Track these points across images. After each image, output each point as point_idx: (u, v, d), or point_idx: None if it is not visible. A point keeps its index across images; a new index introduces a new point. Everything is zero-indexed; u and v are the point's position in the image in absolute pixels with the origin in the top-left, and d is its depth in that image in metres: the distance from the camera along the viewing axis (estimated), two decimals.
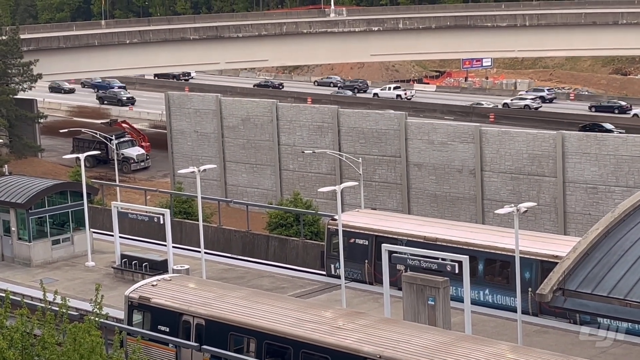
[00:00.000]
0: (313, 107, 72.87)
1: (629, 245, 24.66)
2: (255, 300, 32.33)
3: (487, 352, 26.84)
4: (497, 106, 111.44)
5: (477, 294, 36.80)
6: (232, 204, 62.36)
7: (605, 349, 32.30)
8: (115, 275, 43.93)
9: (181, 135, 75.03)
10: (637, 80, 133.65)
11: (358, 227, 41.12)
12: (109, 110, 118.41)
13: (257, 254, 50.81)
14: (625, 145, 55.45)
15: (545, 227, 56.53)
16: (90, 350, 21.15)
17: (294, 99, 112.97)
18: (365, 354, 27.69)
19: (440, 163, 61.78)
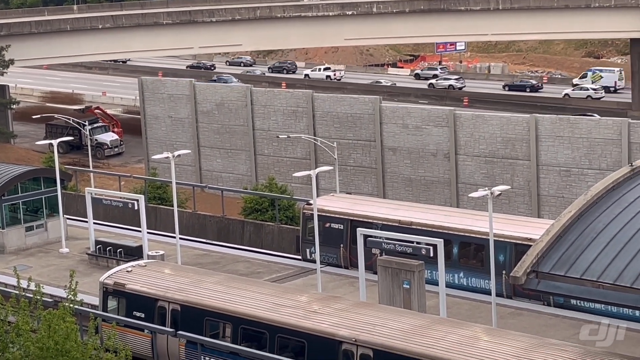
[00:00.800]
0: (287, 92, 72.79)
1: (602, 227, 24.85)
2: (230, 285, 32.34)
3: (461, 334, 27.00)
4: (394, 84, 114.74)
5: (451, 277, 36.96)
6: (207, 189, 62.25)
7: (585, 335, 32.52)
8: (89, 262, 43.79)
9: (155, 121, 74.75)
10: (609, 63, 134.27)
11: (333, 212, 41.17)
12: (82, 95, 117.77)
13: (233, 239, 50.76)
14: (598, 128, 55.77)
15: (519, 210, 56.83)
16: (65, 336, 21.10)
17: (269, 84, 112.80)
18: (341, 338, 27.78)
19: (414, 147, 61.91)
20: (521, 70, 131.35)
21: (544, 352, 25.46)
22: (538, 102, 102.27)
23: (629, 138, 54.52)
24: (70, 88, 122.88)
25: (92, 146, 71.84)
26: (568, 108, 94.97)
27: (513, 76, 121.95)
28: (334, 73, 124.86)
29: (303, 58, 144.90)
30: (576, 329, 32.86)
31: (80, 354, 21.04)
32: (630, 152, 53.95)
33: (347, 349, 27.66)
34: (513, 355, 25.34)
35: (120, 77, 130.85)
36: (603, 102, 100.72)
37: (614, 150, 55.01)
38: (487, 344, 26.35)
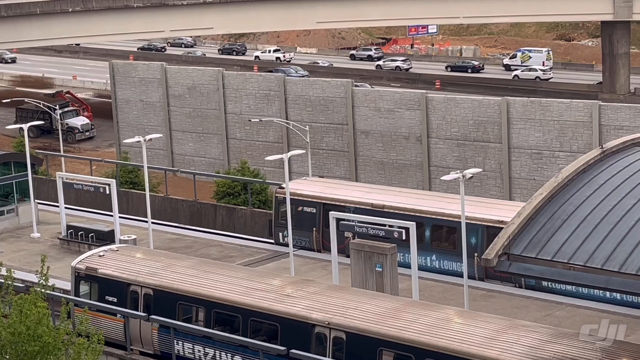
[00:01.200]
0: (259, 76, 72.62)
1: (573, 209, 25.00)
2: (203, 269, 32.30)
3: (434, 316, 27.13)
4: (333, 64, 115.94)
5: (424, 259, 37.11)
6: (179, 174, 62.08)
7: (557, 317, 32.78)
8: (61, 246, 43.60)
9: (126, 105, 74.39)
10: (580, 46, 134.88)
11: (306, 195, 41.18)
12: (53, 79, 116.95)
13: (205, 223, 50.68)
14: (569, 111, 56.06)
15: (491, 192, 57.09)
16: (37, 321, 21.01)
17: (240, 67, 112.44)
18: (314, 321, 27.83)
19: (387, 130, 61.99)
20: (493, 53, 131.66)
21: (516, 333, 25.65)
22: (510, 85, 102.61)
23: (600, 120, 54.86)
24: (41, 72, 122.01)
25: (63, 130, 71.35)
26: (539, 91, 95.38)
27: (458, 57, 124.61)
28: (284, 55, 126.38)
29: (275, 41, 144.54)
30: (547, 310, 33.13)
31: (52, 338, 20.96)
32: (600, 134, 54.31)
33: (320, 332, 27.73)
34: (485, 337, 25.50)
35: (91, 61, 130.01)
36: (574, 85, 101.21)
37: (585, 133, 55.35)
38: (459, 326, 26.50)
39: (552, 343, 24.84)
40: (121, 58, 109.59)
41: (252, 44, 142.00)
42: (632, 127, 52.03)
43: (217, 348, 29.35)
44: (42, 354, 20.87)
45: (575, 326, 30.53)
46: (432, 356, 25.62)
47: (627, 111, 55.00)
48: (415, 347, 25.90)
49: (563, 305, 33.50)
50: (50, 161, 62.90)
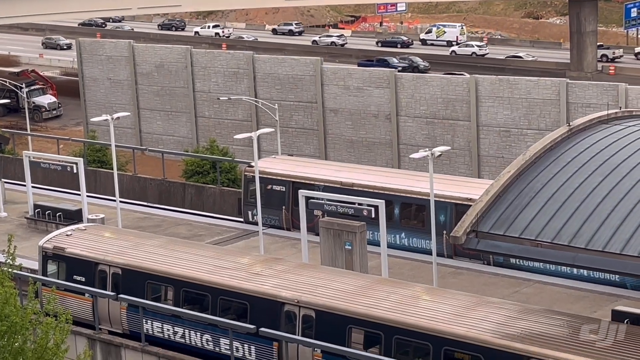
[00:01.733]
0: (228, 54, 72.29)
1: (540, 186, 25.14)
2: (172, 248, 32.22)
3: (403, 294, 27.24)
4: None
5: (393, 237, 37.20)
6: (147, 152, 61.80)
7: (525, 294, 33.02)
8: (28, 226, 43.32)
9: (93, 83, 73.85)
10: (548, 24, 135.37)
11: (275, 174, 41.14)
12: (19, 57, 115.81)
13: (174, 202, 50.54)
14: (537, 89, 56.28)
15: (460, 170, 57.30)
16: (4, 301, 20.87)
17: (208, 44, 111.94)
18: (283, 299, 27.86)
19: (356, 108, 61.98)
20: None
21: (484, 309, 25.81)
22: (480, 63, 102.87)
23: (567, 98, 55.13)
24: (7, 50, 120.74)
25: (29, 109, 70.77)
26: (507, 69, 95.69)
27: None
28: (222, 30, 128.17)
29: (244, 19, 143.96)
30: (515, 287, 33.36)
31: (20, 318, 20.83)
32: (568, 112, 54.59)
33: (289, 310, 27.77)
34: (454, 314, 25.65)
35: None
36: (542, 63, 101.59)
37: (553, 111, 55.61)
38: (428, 303, 26.63)
39: (520, 319, 25.03)
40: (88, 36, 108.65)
41: (221, 22, 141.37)
42: (599, 105, 52.28)
43: (186, 327, 29.32)
44: (10, 333, 20.75)
45: (543, 303, 30.79)
46: (401, 333, 25.75)
47: (594, 89, 55.30)
48: (385, 325, 26.01)
49: (531, 282, 33.75)
50: (16, 140, 62.42)
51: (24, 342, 20.99)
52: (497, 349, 24.17)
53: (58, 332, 21.28)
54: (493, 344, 24.28)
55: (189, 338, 29.32)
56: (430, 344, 25.23)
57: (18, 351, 20.86)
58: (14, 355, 20.75)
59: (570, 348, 23.42)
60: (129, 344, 30.00)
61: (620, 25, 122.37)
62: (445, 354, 25.07)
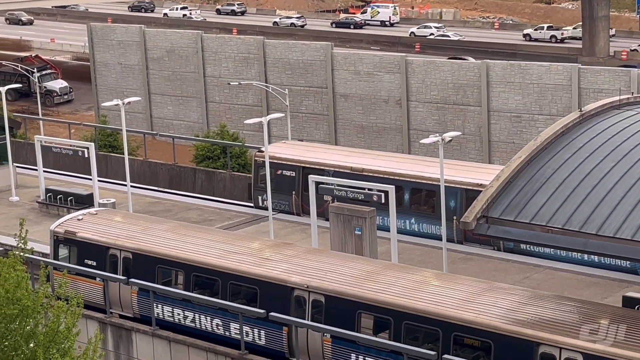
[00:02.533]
0: (238, 39, 72.22)
1: (551, 172, 25.09)
2: (182, 232, 32.28)
3: (413, 279, 27.25)
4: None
5: (403, 223, 37.21)
6: (158, 137, 61.88)
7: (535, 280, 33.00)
8: (40, 210, 43.47)
9: (105, 68, 73.89)
10: (560, 9, 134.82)
11: (285, 159, 41.16)
12: (31, 42, 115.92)
13: (184, 186, 50.63)
14: (549, 74, 56.11)
15: (470, 156, 57.21)
16: (16, 285, 20.93)
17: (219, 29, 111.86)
18: (293, 284, 27.91)
19: (366, 94, 61.89)
20: (473, 17, 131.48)
21: (493, 295, 25.81)
22: (489, 48, 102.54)
23: (579, 84, 54.95)
24: (18, 34, 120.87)
25: (41, 93, 70.87)
26: (519, 54, 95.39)
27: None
28: (190, 12, 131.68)
29: (254, 4, 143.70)
30: (526, 273, 33.35)
31: (32, 302, 20.89)
32: (580, 97, 54.42)
33: (299, 295, 27.82)
34: (463, 299, 25.66)
35: (69, 24, 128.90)
36: (554, 48, 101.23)
37: (564, 96, 55.45)
38: (438, 288, 26.64)
39: (530, 305, 25.02)
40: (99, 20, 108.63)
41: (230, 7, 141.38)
42: (611, 90, 52.11)
43: (196, 311, 29.41)
44: (21, 317, 20.83)
45: (554, 289, 30.78)
46: (411, 319, 25.77)
47: (606, 74, 55.10)
48: (394, 310, 26.03)
49: (541, 268, 33.73)
50: (28, 124, 62.54)
51: (35, 326, 21.07)
52: (507, 334, 24.18)
53: (69, 315, 21.35)
54: (503, 330, 24.29)
55: (199, 322, 29.41)
56: (439, 329, 25.26)
57: (30, 334, 20.94)
58: (25, 338, 20.83)
59: (580, 334, 23.41)
60: (139, 328, 30.11)
61: (633, 10, 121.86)
62: (455, 340, 25.09)
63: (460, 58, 78.31)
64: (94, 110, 76.10)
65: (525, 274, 33.22)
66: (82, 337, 23.11)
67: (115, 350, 30.68)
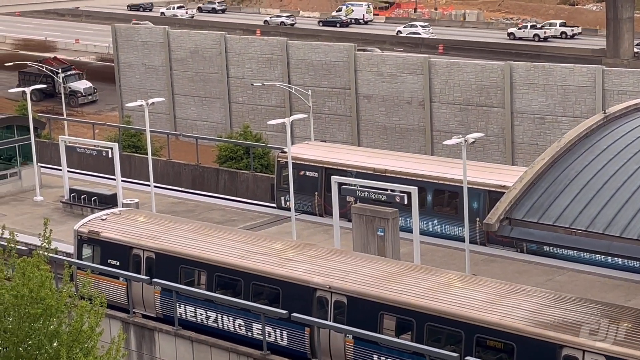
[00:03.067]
0: (262, 40, 72.36)
1: (574, 174, 24.99)
2: (205, 233, 32.37)
3: (435, 281, 27.21)
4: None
5: (425, 224, 37.16)
6: (182, 137, 62.07)
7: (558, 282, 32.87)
8: (64, 210, 43.69)
9: (129, 68, 74.20)
10: (584, 11, 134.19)
11: (308, 160, 41.18)
12: (55, 43, 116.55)
13: (207, 187, 50.75)
14: (573, 76, 55.89)
15: (493, 157, 57.07)
16: (40, 284, 21.05)
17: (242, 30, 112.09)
18: (315, 285, 27.92)
19: (389, 95, 61.85)
20: (496, 18, 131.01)
21: (517, 297, 25.73)
22: (512, 49, 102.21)
23: (603, 85, 54.71)
24: (43, 35, 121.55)
25: (65, 94, 71.25)
26: (543, 55, 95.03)
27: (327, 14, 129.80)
28: (186, 12, 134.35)
29: (278, 5, 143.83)
30: (549, 275, 33.23)
31: (55, 301, 21.01)
32: (604, 99, 54.18)
33: (321, 296, 27.83)
34: (486, 301, 25.59)
35: (93, 25, 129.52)
36: (578, 50, 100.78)
37: (588, 98, 55.22)
38: (461, 290, 26.58)
39: (553, 308, 24.93)
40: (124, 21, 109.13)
41: (255, 8, 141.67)
42: (636, 92, 51.89)
43: (219, 311, 29.48)
44: (45, 316, 20.94)
45: (577, 291, 30.65)
46: (433, 320, 25.73)
47: (630, 76, 54.81)
48: (416, 311, 26.00)
49: (564, 270, 33.59)
50: (52, 125, 62.88)
51: (59, 325, 21.18)
52: (530, 337, 24.11)
53: (93, 315, 21.45)
54: (526, 332, 24.22)
55: (221, 322, 29.48)
56: (462, 331, 25.20)
57: (53, 334, 21.06)
58: (49, 337, 20.95)
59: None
60: (162, 327, 30.21)
61: None
62: (478, 342, 25.03)
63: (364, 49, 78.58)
64: (118, 110, 76.45)
65: (549, 276, 33.10)
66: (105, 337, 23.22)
67: (138, 350, 30.79)
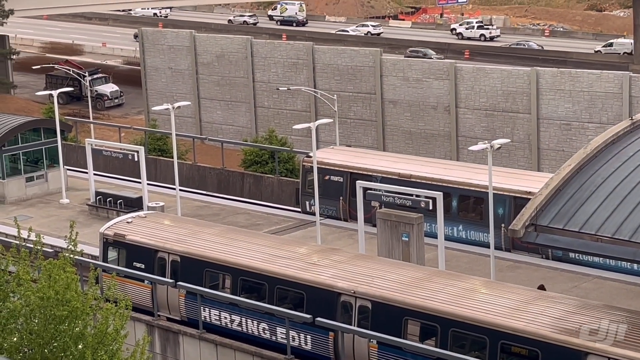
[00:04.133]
0: (288, 44, 72.47)
1: (601, 181, 24.88)
2: (230, 236, 32.43)
3: (460, 287, 27.14)
4: None
5: (450, 230, 37.07)
6: (207, 141, 62.21)
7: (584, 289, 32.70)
8: (89, 213, 43.91)
9: (155, 72, 74.50)
10: (611, 17, 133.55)
11: (333, 164, 41.19)
12: (82, 46, 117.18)
13: (232, 191, 50.85)
14: (599, 82, 55.62)
15: (519, 163, 56.85)
16: (65, 286, 21.15)
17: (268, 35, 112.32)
18: (340, 290, 27.91)
19: (415, 100, 61.77)
20: (523, 23, 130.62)
21: (542, 304, 25.62)
22: (540, 55, 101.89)
23: (630, 92, 54.40)
24: (71, 39, 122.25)
25: (92, 97, 71.65)
26: (569, 61, 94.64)
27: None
28: (160, 11, 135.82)
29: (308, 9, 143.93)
30: (574, 282, 33.06)
31: (81, 303, 21.09)
32: (631, 105, 53.87)
33: (345, 301, 27.82)
34: (511, 308, 25.50)
35: (120, 28, 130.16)
36: (604, 56, 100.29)
37: (615, 104, 54.92)
38: (485, 296, 26.50)
39: (578, 315, 24.80)
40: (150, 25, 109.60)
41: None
42: None
43: (243, 315, 29.53)
44: (71, 318, 21.04)
45: (602, 298, 30.47)
46: (458, 326, 25.66)
47: None
48: (441, 317, 25.94)
49: (590, 277, 33.42)
50: (79, 128, 63.23)
51: (84, 327, 21.27)
52: (555, 344, 23.99)
53: (118, 317, 21.54)
54: (551, 339, 24.10)
55: (245, 326, 29.52)
56: (487, 337, 25.12)
57: (78, 336, 21.15)
58: (74, 339, 21.04)
59: (630, 344, 23.16)
60: (187, 331, 30.29)
61: None
62: (502, 348, 24.94)
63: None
64: (144, 114, 76.75)
65: (574, 283, 32.93)
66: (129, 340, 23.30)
67: (163, 352, 30.88)
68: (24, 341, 21.26)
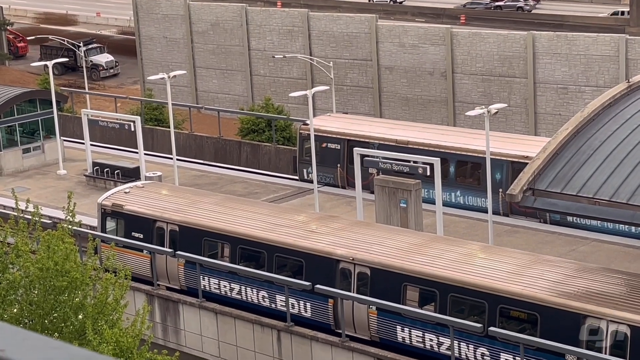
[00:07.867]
0: (283, 11, 72.14)
1: (598, 144, 24.86)
2: (228, 205, 32.45)
3: (458, 252, 27.20)
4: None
5: (448, 195, 37.11)
6: (203, 110, 62.11)
7: (582, 252, 32.79)
8: (87, 183, 43.91)
9: (150, 41, 74.22)
10: None
11: (330, 132, 41.15)
12: (77, 16, 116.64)
13: (230, 160, 50.84)
14: (596, 45, 55.46)
15: (516, 128, 56.81)
16: (64, 257, 21.21)
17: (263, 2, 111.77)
18: (339, 257, 27.97)
19: (411, 66, 61.61)
20: None
21: (540, 268, 25.70)
22: (535, 19, 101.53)
23: (627, 54, 54.27)
24: (65, 9, 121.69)
25: (87, 68, 71.42)
26: (565, 25, 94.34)
27: None
28: None
29: None
30: (572, 245, 33.16)
31: (80, 274, 21.17)
32: (627, 68, 53.76)
33: (344, 268, 27.89)
34: (509, 272, 25.58)
35: None
36: (600, 19, 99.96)
37: (612, 67, 54.81)
38: (484, 261, 26.57)
39: (576, 278, 24.89)
40: None
41: None
42: None
43: (242, 283, 29.60)
44: (70, 288, 21.12)
45: (600, 261, 30.58)
46: (456, 291, 25.75)
47: None
48: (440, 282, 26.02)
49: (588, 241, 33.52)
50: (75, 98, 63.09)
51: (84, 298, 21.36)
52: (553, 307, 24.08)
53: (117, 287, 21.62)
54: (549, 302, 24.19)
55: (245, 295, 29.60)
56: (485, 301, 25.20)
57: (78, 306, 21.24)
58: (74, 310, 21.13)
59: (627, 306, 23.26)
60: (186, 300, 30.38)
61: None
62: (501, 312, 25.03)
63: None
64: (139, 84, 76.55)
65: (572, 247, 33.03)
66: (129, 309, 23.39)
67: (163, 322, 30.99)
68: (24, 312, 21.34)
